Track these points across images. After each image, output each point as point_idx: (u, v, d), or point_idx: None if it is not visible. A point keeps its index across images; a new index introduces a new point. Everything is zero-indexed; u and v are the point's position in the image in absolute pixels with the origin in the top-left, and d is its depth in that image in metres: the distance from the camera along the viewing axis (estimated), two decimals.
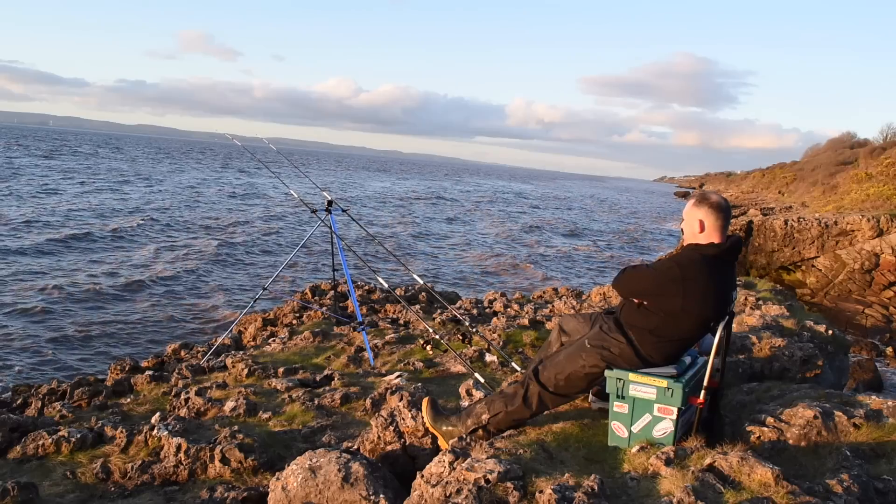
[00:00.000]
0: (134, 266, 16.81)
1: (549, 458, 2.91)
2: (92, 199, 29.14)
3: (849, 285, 17.09)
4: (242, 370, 5.83)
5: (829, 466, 2.76)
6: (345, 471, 3.10)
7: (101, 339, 10.94)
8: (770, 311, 6.15)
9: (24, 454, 4.20)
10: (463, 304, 8.60)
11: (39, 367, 9.51)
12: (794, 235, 18.54)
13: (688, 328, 3.00)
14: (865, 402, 3.27)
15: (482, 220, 38.56)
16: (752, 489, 2.43)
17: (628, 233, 38.54)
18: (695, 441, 2.89)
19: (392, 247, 22.42)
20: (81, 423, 4.85)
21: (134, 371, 6.74)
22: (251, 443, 4.00)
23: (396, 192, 55.32)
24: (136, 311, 12.81)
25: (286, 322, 8.52)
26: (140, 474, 3.86)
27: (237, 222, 26.89)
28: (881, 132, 51.70)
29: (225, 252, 19.88)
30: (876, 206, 23.09)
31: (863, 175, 31.59)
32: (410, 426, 3.65)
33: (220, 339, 7.69)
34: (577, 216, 48.60)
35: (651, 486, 2.57)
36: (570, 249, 28.69)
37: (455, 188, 73.72)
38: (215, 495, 3.55)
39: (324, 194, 6.77)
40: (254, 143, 10.18)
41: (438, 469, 2.85)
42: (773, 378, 4.32)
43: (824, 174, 45.49)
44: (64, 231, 20.53)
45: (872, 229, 17.69)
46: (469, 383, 4.25)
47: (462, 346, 5.92)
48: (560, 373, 3.15)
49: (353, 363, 6.00)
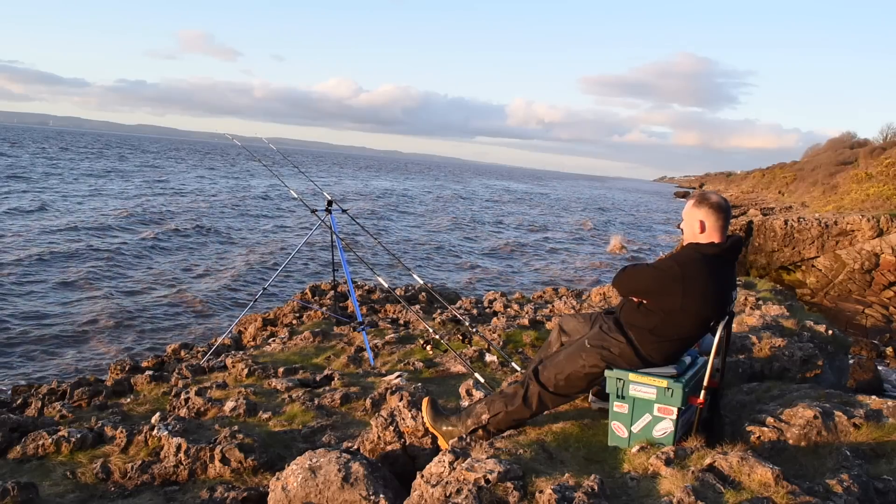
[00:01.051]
0: (134, 266, 16.82)
1: (549, 458, 2.90)
2: (93, 198, 29.14)
3: (849, 285, 17.09)
4: (242, 370, 5.83)
5: (829, 466, 2.75)
6: (345, 471, 3.10)
7: (102, 339, 10.94)
8: (770, 311, 6.15)
9: (24, 454, 4.19)
10: (463, 304, 8.60)
11: (39, 367, 9.51)
12: (794, 235, 18.54)
13: (688, 328, 3.00)
14: (865, 402, 3.27)
15: (483, 220, 38.56)
16: (752, 489, 2.43)
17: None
18: (695, 441, 2.89)
19: (392, 246, 22.42)
20: (81, 423, 4.84)
21: (134, 371, 6.75)
22: (251, 443, 4.00)
23: (396, 192, 55.31)
24: (136, 311, 12.80)
25: (286, 322, 8.52)
26: (140, 474, 3.86)
27: (237, 222, 26.90)
28: (881, 132, 51.76)
29: (225, 252, 19.88)
30: (876, 206, 23.09)
31: (863, 175, 31.59)
32: (410, 426, 3.65)
33: (220, 339, 7.69)
34: (584, 216, 48.64)
35: (651, 486, 2.57)
36: (572, 250, 28.70)
37: (456, 188, 73.73)
38: (215, 495, 3.55)
39: (324, 194, 6.77)
40: (254, 143, 10.18)
41: (438, 469, 2.85)
42: (773, 378, 4.32)
43: (824, 174, 45.51)
44: (62, 231, 20.54)
45: (872, 229, 17.69)
46: (469, 383, 4.25)
47: (462, 346, 5.92)
48: (560, 373, 3.15)
49: (353, 363, 6.00)
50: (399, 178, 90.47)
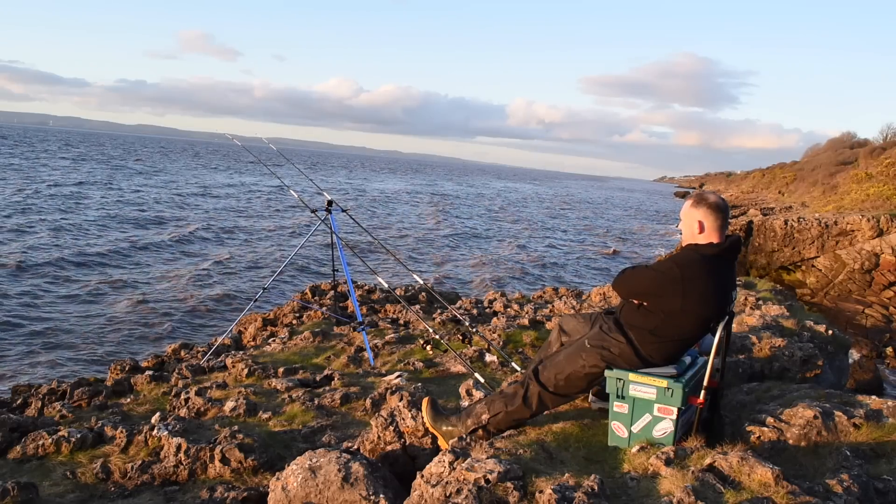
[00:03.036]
0: (134, 266, 16.82)
1: (549, 458, 2.90)
2: (91, 199, 29.13)
3: (849, 285, 17.09)
4: (242, 370, 5.83)
5: (829, 466, 2.75)
6: (345, 471, 3.10)
7: (101, 339, 10.94)
8: (770, 311, 6.15)
9: (24, 454, 4.19)
10: (463, 304, 8.60)
11: (39, 367, 9.51)
12: (794, 235, 18.54)
13: (688, 328, 3.00)
14: (865, 402, 3.27)
15: (484, 219, 38.56)
16: (752, 489, 2.42)
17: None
18: (695, 441, 2.89)
19: (392, 246, 22.41)
20: (81, 423, 4.84)
21: (134, 371, 6.74)
22: (251, 443, 4.00)
23: (396, 192, 55.30)
24: (137, 311, 12.80)
25: (286, 322, 8.52)
26: (140, 474, 3.86)
27: (237, 222, 26.90)
28: (881, 132, 51.74)
29: (225, 252, 19.88)
30: (876, 206, 23.09)
31: (863, 175, 31.59)
32: (410, 426, 3.65)
33: (220, 339, 7.69)
34: (580, 217, 48.61)
35: (651, 486, 2.57)
36: (572, 249, 28.68)
37: (456, 188, 73.70)
38: (215, 495, 3.55)
39: (324, 194, 6.77)
40: (254, 143, 10.19)
41: (438, 469, 2.85)
42: (773, 378, 4.32)
43: (824, 174, 45.51)
44: (61, 231, 20.54)
45: (872, 229, 17.69)
46: (469, 383, 4.25)
47: (462, 346, 5.92)
48: (560, 373, 3.15)
49: (353, 363, 6.00)
50: (399, 177, 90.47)
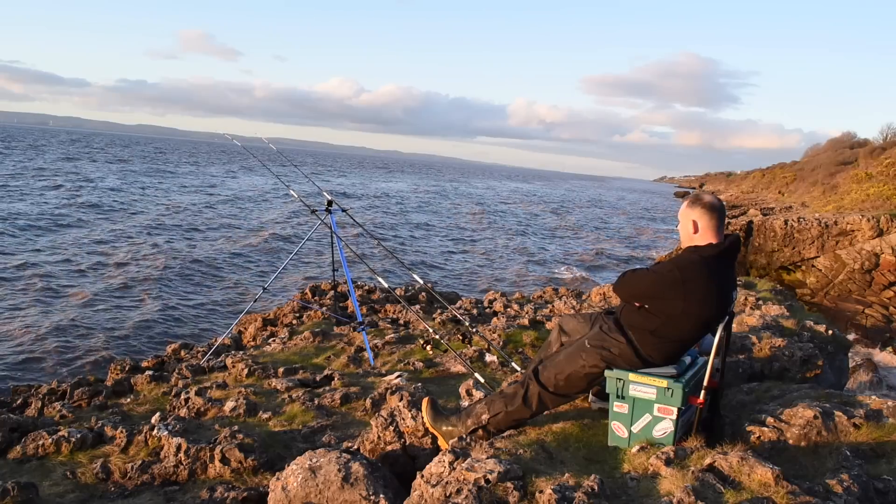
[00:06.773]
0: (134, 266, 16.81)
1: (549, 458, 2.90)
2: (90, 199, 29.13)
3: (849, 285, 17.09)
4: (242, 370, 5.83)
5: (829, 466, 2.75)
6: (345, 471, 3.10)
7: (102, 339, 10.94)
8: (770, 311, 6.15)
9: (24, 454, 4.20)
10: (463, 304, 8.60)
11: (39, 367, 9.52)
12: (794, 235, 18.54)
13: (688, 329, 3.00)
14: (865, 402, 3.27)
15: (484, 219, 38.55)
16: (752, 489, 2.42)
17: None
18: (695, 441, 2.89)
19: (392, 246, 22.41)
20: (81, 423, 4.84)
21: (134, 371, 6.75)
22: (251, 443, 4.00)
23: (397, 192, 55.31)
24: (137, 311, 12.81)
25: (286, 322, 8.52)
26: (140, 474, 3.86)
27: (237, 222, 26.90)
28: (881, 132, 51.70)
29: (225, 252, 19.88)
30: (876, 206, 23.09)
31: (863, 175, 31.60)
32: (410, 426, 3.65)
33: (220, 339, 7.69)
34: (580, 218, 48.63)
35: (651, 486, 2.57)
36: (572, 249, 28.69)
37: (457, 188, 73.70)
38: (215, 495, 3.55)
39: (323, 194, 6.77)
40: (254, 143, 10.19)
41: (438, 469, 2.85)
42: (773, 378, 4.32)
43: (824, 174, 45.49)
44: (60, 232, 20.54)
45: (872, 229, 17.69)
46: (469, 383, 4.25)
47: (462, 346, 5.92)
48: (560, 373, 3.15)
49: (353, 363, 6.00)
50: (399, 178, 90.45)
